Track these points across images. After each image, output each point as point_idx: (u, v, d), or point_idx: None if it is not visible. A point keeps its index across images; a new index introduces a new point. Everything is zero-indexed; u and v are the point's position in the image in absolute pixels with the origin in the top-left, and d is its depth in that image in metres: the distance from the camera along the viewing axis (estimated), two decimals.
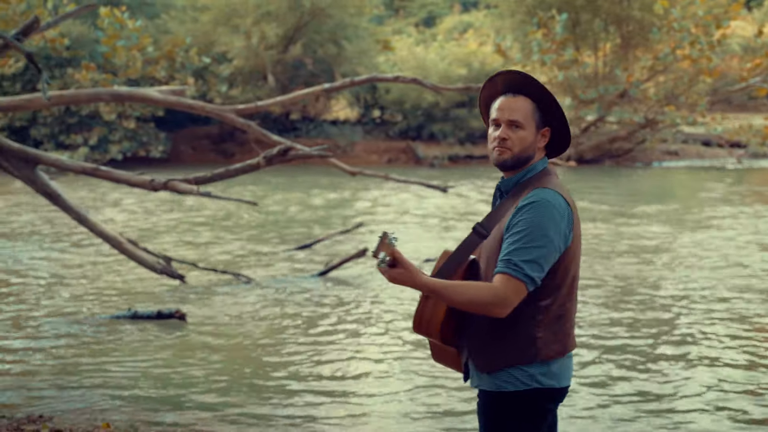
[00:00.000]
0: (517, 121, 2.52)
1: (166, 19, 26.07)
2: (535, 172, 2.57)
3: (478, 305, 2.42)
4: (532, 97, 2.54)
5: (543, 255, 2.43)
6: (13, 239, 11.61)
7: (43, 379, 5.81)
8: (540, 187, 2.50)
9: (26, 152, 6.34)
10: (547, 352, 2.51)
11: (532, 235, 2.43)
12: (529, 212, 2.45)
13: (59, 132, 22.29)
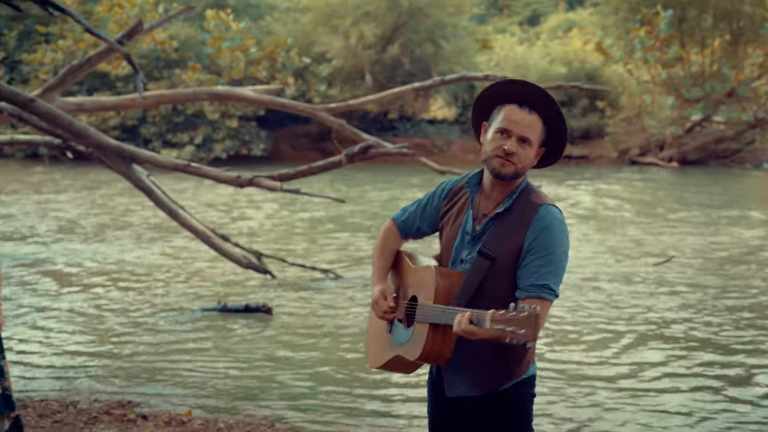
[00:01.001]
0: (529, 139, 2.51)
1: (269, 21, 26.72)
2: (524, 184, 2.58)
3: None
4: (542, 115, 2.52)
5: (563, 271, 2.50)
6: (109, 233, 12.16)
7: (135, 368, 6.11)
8: (543, 204, 2.52)
9: (123, 150, 6.68)
10: (532, 354, 2.59)
11: (559, 257, 2.47)
12: (551, 234, 2.47)
13: (167, 131, 23.17)
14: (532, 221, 2.49)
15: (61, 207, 14.94)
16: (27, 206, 14.99)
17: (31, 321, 7.35)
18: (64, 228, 12.56)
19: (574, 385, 5.72)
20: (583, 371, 6.05)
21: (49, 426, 4.67)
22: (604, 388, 5.67)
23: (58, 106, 8.56)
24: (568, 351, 6.59)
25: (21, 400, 5.21)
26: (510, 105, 2.52)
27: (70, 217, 13.75)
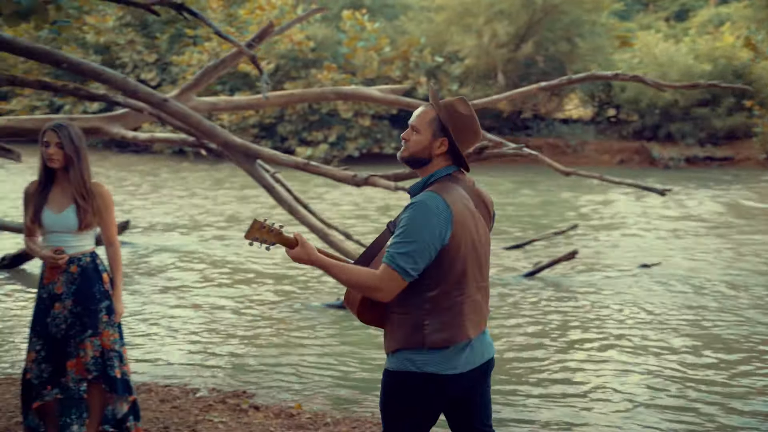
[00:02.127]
0: (415, 126, 2.87)
1: (403, 21, 26.93)
2: (437, 177, 2.86)
3: (358, 286, 2.76)
4: (436, 108, 2.86)
5: (416, 250, 2.71)
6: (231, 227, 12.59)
7: (254, 360, 6.32)
8: (428, 191, 2.80)
9: (247, 147, 6.91)
10: (435, 339, 2.77)
11: (407, 231, 2.72)
12: (409, 211, 2.75)
13: (302, 129, 23.79)
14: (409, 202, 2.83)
15: (198, 202, 15.61)
16: (169, 199, 15.77)
17: (160, 312, 7.74)
18: (197, 222, 13.12)
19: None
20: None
21: (167, 410, 4.91)
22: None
23: (194, 106, 8.95)
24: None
25: (147, 385, 5.51)
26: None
27: (201, 211, 14.35)
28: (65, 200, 3.95)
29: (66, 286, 3.96)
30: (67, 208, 3.93)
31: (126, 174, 20.27)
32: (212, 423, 4.66)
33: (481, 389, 2.96)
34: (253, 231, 2.78)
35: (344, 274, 2.76)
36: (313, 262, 2.79)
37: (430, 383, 2.79)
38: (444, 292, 2.79)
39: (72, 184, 3.93)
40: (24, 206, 4.03)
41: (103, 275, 4.05)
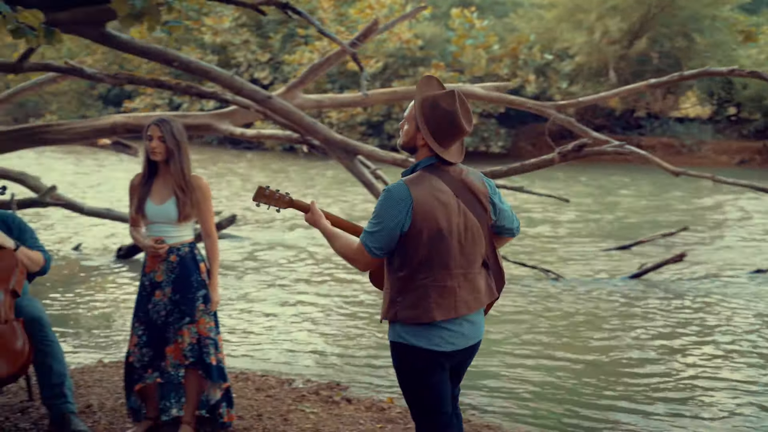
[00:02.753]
0: (405, 117, 3.13)
1: (513, 18, 26.64)
2: (421, 167, 3.07)
3: (343, 255, 3.12)
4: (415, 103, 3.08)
5: (379, 231, 2.98)
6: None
7: (350, 354, 6.42)
8: (400, 181, 3.04)
9: (347, 144, 7.01)
10: (403, 315, 3.02)
11: (376, 214, 2.99)
12: (381, 197, 3.02)
13: None
14: None
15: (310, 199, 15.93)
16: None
17: (265, 305, 7.95)
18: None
19: None
20: None
21: (262, 399, 5.04)
22: None
23: (300, 104, 9.15)
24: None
25: (245, 374, 5.67)
26: None
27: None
28: (166, 192, 4.12)
29: (166, 274, 4.14)
30: (167, 200, 4.11)
31: (238, 170, 20.89)
32: (304, 413, 4.76)
33: (464, 367, 3.24)
34: (259, 196, 3.21)
35: (336, 242, 3.14)
36: (318, 228, 3.19)
37: (420, 357, 3.03)
38: (409, 275, 3.01)
39: (172, 176, 4.11)
40: (129, 197, 4.23)
41: (201, 265, 4.21)
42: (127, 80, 8.33)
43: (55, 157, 22.95)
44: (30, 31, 5.62)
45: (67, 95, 33.88)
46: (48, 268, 4.58)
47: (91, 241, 11.07)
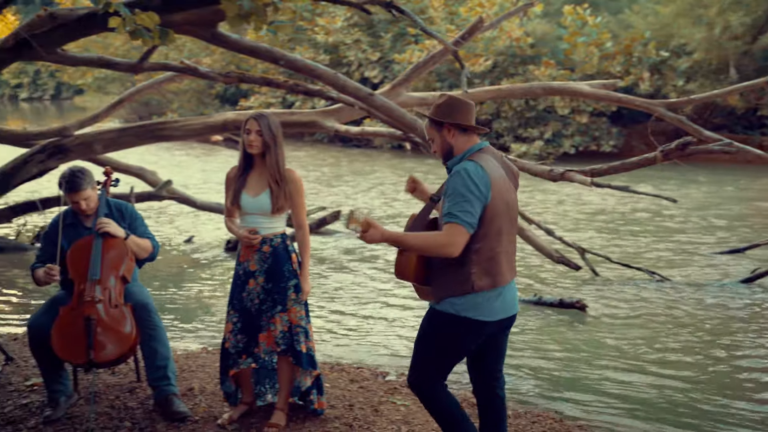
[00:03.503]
0: (428, 138, 3.59)
1: (628, 14, 25.94)
2: (472, 151, 3.46)
3: (431, 246, 3.31)
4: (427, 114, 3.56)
5: (472, 205, 3.27)
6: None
7: None
8: (468, 161, 3.39)
9: None
10: (480, 284, 3.36)
11: (460, 193, 3.27)
12: (456, 178, 3.32)
13: (518, 125, 23.65)
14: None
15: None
16: (385, 191, 16.32)
17: (368, 299, 8.08)
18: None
19: None
20: None
21: (355, 390, 5.14)
22: None
23: (403, 101, 9.25)
24: None
25: (340, 365, 5.80)
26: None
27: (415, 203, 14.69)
28: (261, 185, 4.28)
29: (259, 264, 4.30)
30: (262, 193, 4.26)
31: (348, 167, 21.20)
32: (394, 405, 4.83)
33: (502, 338, 3.62)
34: (352, 221, 3.34)
35: (418, 240, 3.33)
36: (387, 239, 3.34)
37: (465, 326, 3.39)
38: (487, 245, 3.36)
39: (268, 169, 4.26)
40: (225, 189, 4.42)
41: (292, 256, 4.35)
42: (238, 79, 8.64)
43: (172, 152, 23.89)
44: (146, 33, 5.92)
45: (187, 94, 35.20)
46: (156, 254, 4.83)
47: (202, 234, 11.51)
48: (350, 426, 4.44)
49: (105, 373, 5.37)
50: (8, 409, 4.81)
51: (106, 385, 5.14)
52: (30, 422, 4.58)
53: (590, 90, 8.99)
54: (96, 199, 4.75)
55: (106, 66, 9.67)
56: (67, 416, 4.62)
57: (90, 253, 4.59)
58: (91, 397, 4.46)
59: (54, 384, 4.71)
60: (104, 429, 4.44)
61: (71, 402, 4.76)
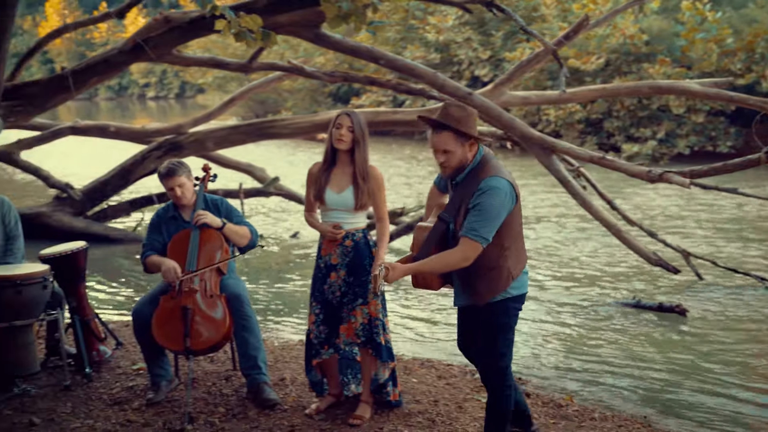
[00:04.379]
0: (446, 150, 3.68)
1: (752, 8, 24.81)
2: (478, 161, 3.70)
3: (449, 266, 3.64)
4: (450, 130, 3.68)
5: (494, 223, 3.57)
6: (535, 221, 12.59)
7: (540, 350, 6.42)
8: (495, 177, 3.61)
9: (543, 140, 6.98)
10: (515, 272, 3.76)
11: (489, 210, 3.54)
12: (487, 197, 3.56)
13: (630, 125, 23.02)
14: (478, 186, 3.61)
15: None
16: None
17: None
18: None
19: None
20: None
21: (441, 386, 5.20)
22: None
23: (506, 100, 9.23)
24: None
25: (431, 362, 5.88)
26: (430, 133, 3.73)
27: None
28: (345, 181, 4.40)
29: (341, 257, 4.43)
30: (346, 189, 4.39)
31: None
32: (479, 402, 4.86)
33: None
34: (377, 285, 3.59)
35: (438, 264, 3.63)
36: (408, 272, 3.65)
37: (521, 301, 3.83)
38: (515, 241, 3.73)
39: (355, 164, 4.38)
40: (307, 184, 4.56)
41: (373, 250, 4.46)
42: (343, 78, 8.85)
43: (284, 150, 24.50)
44: (249, 35, 6.16)
45: (301, 93, 36.05)
46: (256, 240, 5.01)
47: (309, 229, 11.79)
48: (433, 421, 4.50)
49: (204, 360, 5.64)
50: (116, 390, 5.12)
51: (205, 372, 5.40)
52: (134, 404, 4.86)
53: (700, 88, 8.70)
54: (191, 189, 4.98)
55: (218, 66, 10.09)
56: (167, 400, 4.89)
57: (188, 245, 4.84)
58: (189, 383, 4.69)
59: (156, 369, 4.98)
60: (200, 413, 4.67)
61: (172, 386, 5.03)
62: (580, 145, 21.89)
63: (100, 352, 5.66)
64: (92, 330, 5.61)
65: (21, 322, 5.00)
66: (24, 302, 4.98)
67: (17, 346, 5.08)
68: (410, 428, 4.39)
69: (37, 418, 4.69)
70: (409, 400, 4.83)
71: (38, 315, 5.11)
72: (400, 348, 6.35)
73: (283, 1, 7.38)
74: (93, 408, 4.84)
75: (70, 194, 11.39)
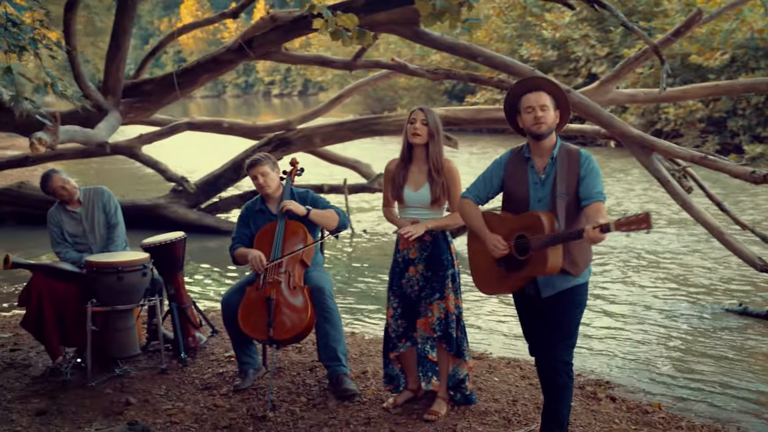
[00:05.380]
0: (539, 106, 3.79)
1: None
2: (560, 142, 3.87)
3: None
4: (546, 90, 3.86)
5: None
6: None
7: (631, 354, 6.24)
8: (580, 148, 3.84)
9: (643, 139, 6.76)
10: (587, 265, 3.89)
11: (599, 174, 3.73)
12: (591, 162, 3.77)
13: (756, 124, 21.93)
14: (582, 158, 3.78)
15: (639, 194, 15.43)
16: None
17: None
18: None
19: None
20: None
21: (523, 386, 5.14)
22: None
23: (612, 98, 9.01)
24: None
25: (517, 361, 5.82)
26: (524, 95, 3.82)
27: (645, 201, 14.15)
28: (421, 178, 4.43)
29: (419, 252, 4.46)
30: (422, 186, 4.41)
31: None
32: None
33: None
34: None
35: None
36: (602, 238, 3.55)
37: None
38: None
39: (430, 159, 4.40)
40: (385, 181, 4.60)
41: (451, 246, 4.46)
42: (445, 75, 8.86)
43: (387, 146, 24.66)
44: (345, 33, 6.27)
45: (417, 90, 36.25)
46: (346, 221, 5.11)
47: None
48: (508, 420, 4.47)
49: (292, 351, 5.79)
50: (207, 375, 5.34)
51: (291, 362, 5.55)
52: (222, 389, 5.06)
53: None
54: (276, 180, 5.13)
55: (323, 64, 10.31)
56: (253, 387, 5.06)
57: (273, 237, 4.98)
58: (271, 372, 4.84)
59: (244, 357, 5.16)
60: (282, 401, 4.81)
61: (259, 374, 5.20)
62: (701, 145, 21.07)
63: (195, 339, 5.91)
64: (188, 317, 5.86)
65: (122, 306, 5.29)
66: (124, 288, 5.26)
67: (118, 330, 5.38)
68: (485, 426, 4.38)
69: (132, 398, 4.95)
70: (487, 398, 4.81)
71: (138, 300, 5.39)
72: (487, 347, 6.32)
73: (380, 0, 7.45)
74: (185, 391, 5.06)
75: (185, 187, 11.90)
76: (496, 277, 3.86)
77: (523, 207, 3.80)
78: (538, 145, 3.82)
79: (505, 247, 3.75)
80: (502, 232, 3.80)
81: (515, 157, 3.91)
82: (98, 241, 5.75)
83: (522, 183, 3.83)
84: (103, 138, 7.52)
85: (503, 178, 3.91)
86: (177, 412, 4.73)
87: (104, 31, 41.70)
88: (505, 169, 3.92)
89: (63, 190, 5.69)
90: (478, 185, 3.97)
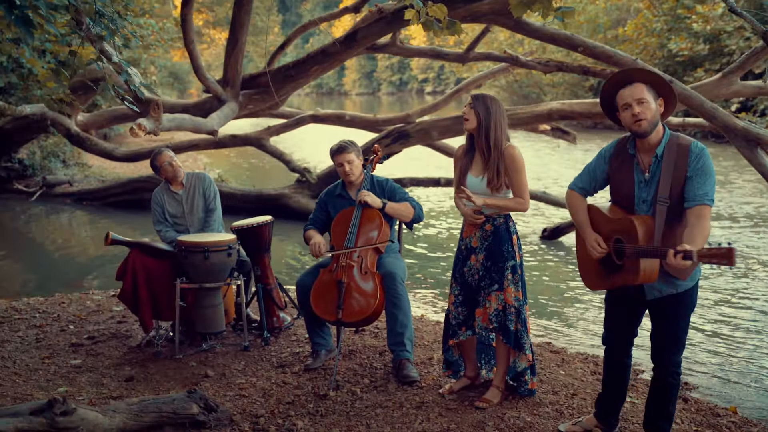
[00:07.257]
0: (637, 100, 3.54)
1: None
2: (668, 135, 3.59)
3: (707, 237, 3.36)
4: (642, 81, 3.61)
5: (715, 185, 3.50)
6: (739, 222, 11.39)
7: (714, 353, 5.95)
8: (692, 141, 3.54)
9: (748, 132, 6.38)
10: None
11: (713, 174, 3.46)
12: (703, 159, 3.47)
13: None
14: (691, 155, 3.48)
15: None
16: None
17: None
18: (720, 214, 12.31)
19: None
20: None
21: (590, 381, 5.03)
22: None
23: (736, 90, 8.60)
24: None
25: (595, 356, 5.67)
26: (619, 91, 3.59)
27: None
28: (483, 165, 4.40)
29: (480, 241, 4.44)
30: (483, 173, 4.38)
31: None
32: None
33: None
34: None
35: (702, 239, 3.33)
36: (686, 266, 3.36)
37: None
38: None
39: (479, 144, 4.37)
40: (454, 168, 4.61)
41: (513, 237, 4.41)
42: (557, 67, 8.72)
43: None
44: (436, 24, 6.33)
45: (561, 87, 35.53)
46: (420, 214, 5.17)
47: (524, 222, 11.72)
48: (561, 413, 4.39)
49: (368, 335, 5.91)
50: (284, 354, 5.56)
51: (364, 345, 5.67)
52: (295, 368, 5.26)
53: None
54: (359, 167, 5.24)
55: (437, 57, 10.36)
56: (323, 367, 5.22)
57: (349, 224, 5.10)
58: (338, 353, 4.98)
59: (316, 337, 5.33)
60: (347, 382, 4.94)
61: (330, 355, 5.35)
62: None
63: (279, 319, 6.14)
64: (273, 298, 6.10)
65: (208, 284, 5.58)
66: (210, 267, 5.55)
67: (205, 307, 5.68)
68: (534, 417, 4.32)
69: (212, 371, 5.23)
70: (546, 390, 4.74)
71: (224, 279, 5.67)
72: (565, 342, 6.21)
73: None
74: (260, 368, 5.29)
75: (308, 178, 12.30)
76: (596, 274, 3.77)
77: (629, 205, 3.65)
78: (642, 141, 3.59)
79: (603, 250, 3.65)
80: (603, 231, 3.68)
81: (620, 151, 3.71)
82: (196, 224, 6.06)
83: (627, 181, 3.65)
84: (213, 127, 7.90)
85: (608, 173, 3.75)
86: (248, 386, 4.95)
87: (264, 31, 43.47)
88: (609, 163, 3.75)
89: (169, 166, 6.02)
90: (583, 177, 3.84)
